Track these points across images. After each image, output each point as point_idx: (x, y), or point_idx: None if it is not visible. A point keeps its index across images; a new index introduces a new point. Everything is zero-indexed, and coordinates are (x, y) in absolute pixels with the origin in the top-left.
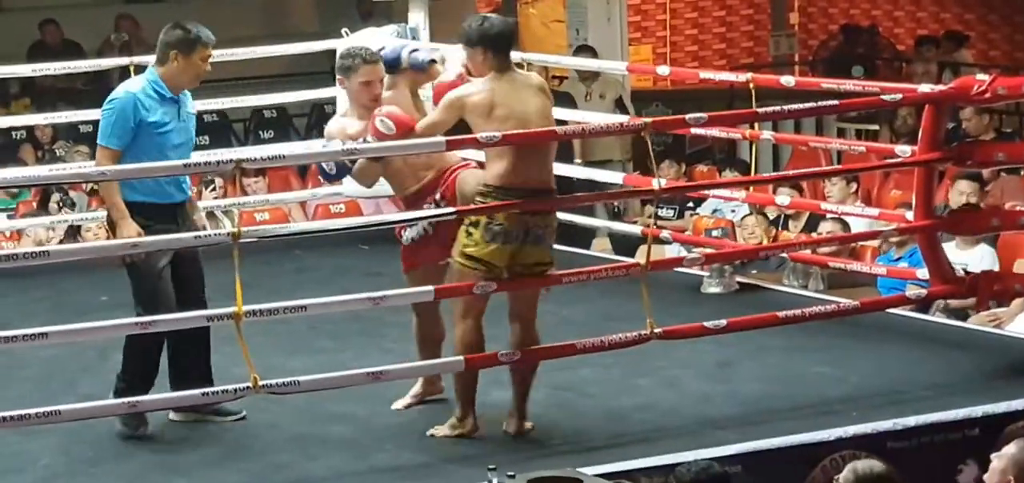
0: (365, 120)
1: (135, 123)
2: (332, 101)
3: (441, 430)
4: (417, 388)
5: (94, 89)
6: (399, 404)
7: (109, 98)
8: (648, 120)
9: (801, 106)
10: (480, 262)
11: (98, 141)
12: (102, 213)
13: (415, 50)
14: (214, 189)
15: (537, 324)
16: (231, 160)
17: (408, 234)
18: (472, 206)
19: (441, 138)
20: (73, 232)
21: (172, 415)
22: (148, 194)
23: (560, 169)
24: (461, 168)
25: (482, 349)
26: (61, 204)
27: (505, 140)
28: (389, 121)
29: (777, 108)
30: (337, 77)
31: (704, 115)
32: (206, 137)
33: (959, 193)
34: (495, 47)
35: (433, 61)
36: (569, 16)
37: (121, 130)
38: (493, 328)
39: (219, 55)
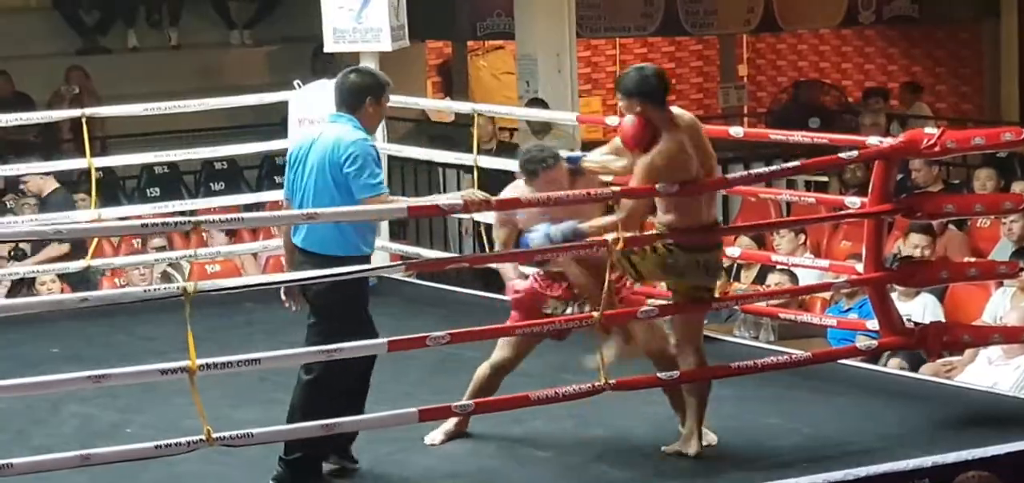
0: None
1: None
2: (282, 153)
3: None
4: (450, 425)
5: (45, 141)
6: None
7: (348, 149)
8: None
9: (762, 170)
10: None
11: (364, 194)
12: (51, 266)
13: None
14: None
15: None
16: None
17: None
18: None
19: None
20: (24, 284)
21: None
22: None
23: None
24: None
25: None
26: (11, 255)
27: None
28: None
29: (740, 174)
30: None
31: (675, 186)
32: (157, 189)
33: (913, 246)
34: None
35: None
36: (519, 68)
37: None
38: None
39: (172, 107)
